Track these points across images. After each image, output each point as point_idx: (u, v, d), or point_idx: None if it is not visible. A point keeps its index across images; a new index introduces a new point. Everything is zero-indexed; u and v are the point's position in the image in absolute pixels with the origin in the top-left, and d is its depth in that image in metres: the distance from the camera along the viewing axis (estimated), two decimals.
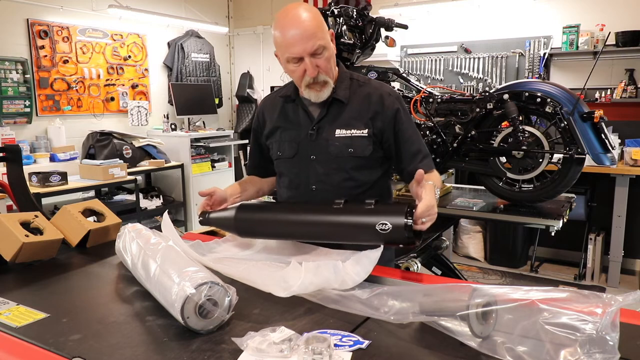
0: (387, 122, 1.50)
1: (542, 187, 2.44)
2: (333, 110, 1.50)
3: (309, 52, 1.38)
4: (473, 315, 0.92)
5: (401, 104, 1.53)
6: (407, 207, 1.24)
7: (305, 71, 1.40)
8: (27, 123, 4.45)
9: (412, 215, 1.22)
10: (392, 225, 1.22)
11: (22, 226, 1.47)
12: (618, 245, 3.97)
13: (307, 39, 1.36)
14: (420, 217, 1.22)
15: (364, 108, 1.50)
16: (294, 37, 1.36)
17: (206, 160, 5.54)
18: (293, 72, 1.44)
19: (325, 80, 1.44)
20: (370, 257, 1.26)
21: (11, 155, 2.02)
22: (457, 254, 4.90)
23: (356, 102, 1.51)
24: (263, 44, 6.41)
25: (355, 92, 1.52)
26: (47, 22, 4.56)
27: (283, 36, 1.39)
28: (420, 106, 2.68)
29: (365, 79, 1.57)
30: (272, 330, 0.94)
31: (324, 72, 1.42)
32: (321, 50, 1.39)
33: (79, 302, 1.23)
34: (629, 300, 0.87)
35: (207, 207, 1.53)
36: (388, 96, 1.52)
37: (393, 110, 1.50)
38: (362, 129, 1.48)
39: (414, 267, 2.53)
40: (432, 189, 1.29)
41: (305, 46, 1.36)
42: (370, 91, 1.52)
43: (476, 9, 4.90)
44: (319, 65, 1.40)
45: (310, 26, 1.37)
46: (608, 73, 4.37)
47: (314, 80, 1.42)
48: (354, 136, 1.48)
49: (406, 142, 1.52)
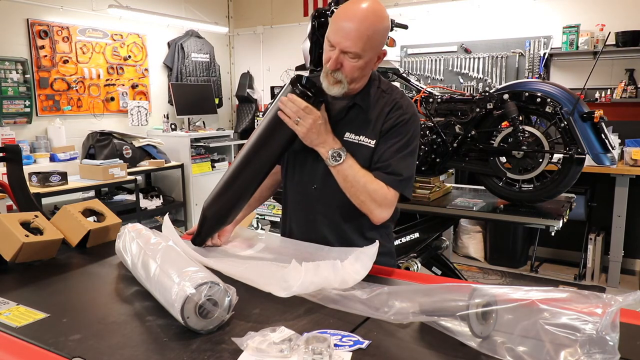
0: (383, 132, 1.45)
1: (542, 187, 2.44)
2: (352, 114, 1.48)
3: (342, 49, 1.36)
4: (473, 315, 0.92)
5: (409, 120, 1.45)
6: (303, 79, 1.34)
7: (330, 59, 1.38)
8: (27, 123, 4.45)
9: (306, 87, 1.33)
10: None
11: (22, 226, 1.47)
12: (618, 245, 3.97)
13: (349, 38, 1.34)
14: (293, 105, 1.32)
15: (378, 118, 1.46)
16: (341, 27, 1.35)
17: (206, 160, 5.55)
18: (325, 52, 1.42)
19: (340, 80, 1.41)
20: (368, 254, 1.26)
21: (11, 155, 2.01)
22: (457, 254, 4.90)
23: (375, 111, 1.47)
24: (263, 44, 6.41)
25: (377, 101, 1.48)
26: (47, 22, 4.57)
27: (336, 19, 1.38)
28: (420, 106, 2.68)
29: (390, 89, 1.52)
30: (272, 330, 0.94)
31: (345, 73, 1.39)
32: (354, 56, 1.36)
33: (79, 302, 1.23)
34: (629, 301, 0.86)
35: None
36: (398, 109, 1.46)
37: (394, 122, 1.44)
38: (371, 139, 1.44)
39: (414, 267, 2.53)
40: (334, 141, 1.39)
41: (342, 42, 1.35)
42: (388, 102, 1.47)
43: (476, 9, 4.90)
44: (343, 65, 1.38)
45: (360, 30, 1.33)
46: (608, 73, 4.37)
47: (330, 73, 1.40)
48: (360, 144, 1.44)
49: (381, 153, 1.43)
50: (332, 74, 1.40)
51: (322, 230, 1.51)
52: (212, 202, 1.46)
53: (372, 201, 1.38)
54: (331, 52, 1.38)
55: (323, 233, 1.51)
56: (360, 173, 1.37)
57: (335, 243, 1.46)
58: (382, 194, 1.39)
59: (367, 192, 1.37)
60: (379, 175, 1.40)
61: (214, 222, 1.48)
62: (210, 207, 1.46)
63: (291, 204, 1.61)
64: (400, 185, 1.42)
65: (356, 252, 1.29)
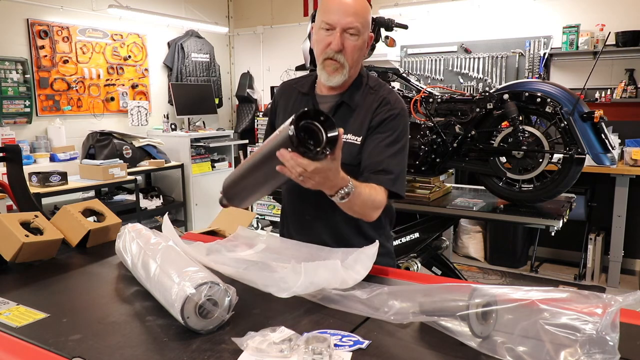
0: (372, 128, 1.44)
1: (542, 187, 2.44)
2: (340, 113, 1.48)
3: (343, 27, 1.36)
4: (473, 315, 0.92)
5: (398, 115, 1.45)
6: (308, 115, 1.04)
7: (330, 44, 1.38)
8: (27, 123, 4.45)
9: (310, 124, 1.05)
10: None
11: (22, 226, 1.47)
12: (618, 245, 3.97)
13: (348, 14, 1.36)
14: (295, 164, 1.06)
15: (366, 115, 1.46)
16: (337, 5, 1.37)
17: (206, 160, 5.55)
18: (320, 41, 1.41)
19: (342, 63, 1.40)
20: (368, 254, 1.26)
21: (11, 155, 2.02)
22: (457, 254, 4.90)
23: (362, 109, 1.47)
24: (263, 44, 6.41)
25: (365, 100, 1.48)
26: (47, 22, 4.56)
27: (327, 1, 1.39)
28: (420, 106, 2.68)
29: (378, 85, 1.51)
30: (272, 330, 0.94)
31: (347, 55, 1.39)
32: (355, 32, 1.37)
33: (79, 302, 1.23)
34: (629, 301, 0.86)
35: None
36: (386, 104, 1.45)
37: (382, 117, 1.43)
38: (357, 136, 1.44)
39: (414, 267, 2.53)
40: (343, 179, 1.19)
41: (342, 19, 1.36)
42: (375, 98, 1.47)
43: (476, 9, 4.90)
44: (345, 46, 1.38)
45: (356, 5, 1.37)
46: (608, 73, 4.37)
47: (333, 56, 1.39)
48: (346, 142, 1.42)
49: (371, 148, 1.41)
50: (334, 57, 1.39)
51: (320, 232, 1.51)
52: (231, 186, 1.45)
53: (370, 209, 1.36)
54: (329, 36, 1.38)
55: (321, 234, 1.51)
56: (362, 197, 1.29)
57: (334, 244, 1.45)
58: (378, 200, 1.36)
59: (366, 206, 1.34)
60: (370, 178, 1.38)
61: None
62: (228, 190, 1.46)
63: (289, 205, 1.61)
64: (394, 185, 1.40)
65: (356, 252, 1.28)
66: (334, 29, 1.37)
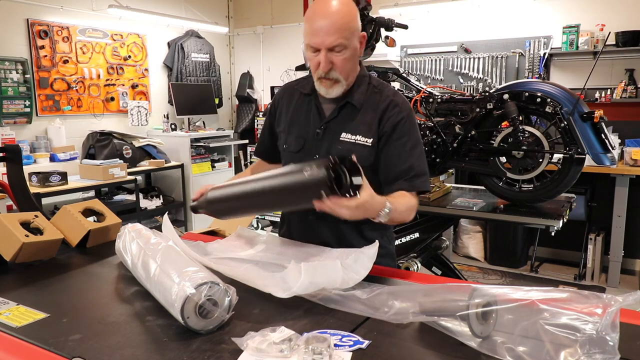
0: (386, 133, 1.45)
1: (542, 187, 2.44)
2: (345, 113, 1.48)
3: (327, 47, 1.36)
4: (473, 315, 0.92)
5: (408, 116, 1.47)
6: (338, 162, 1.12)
7: (319, 64, 1.38)
8: (27, 123, 4.45)
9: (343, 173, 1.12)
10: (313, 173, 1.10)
11: (22, 226, 1.47)
12: (618, 245, 3.97)
13: (330, 34, 1.34)
14: (334, 204, 1.12)
15: (374, 116, 1.46)
16: (318, 27, 1.35)
17: (206, 160, 5.55)
18: (310, 60, 1.42)
19: (337, 79, 1.41)
20: (368, 254, 1.26)
21: (11, 155, 2.02)
22: (457, 254, 4.90)
23: (368, 109, 1.47)
24: (263, 44, 6.41)
25: (370, 99, 1.48)
26: (47, 22, 4.56)
27: (309, 23, 1.38)
28: (420, 106, 2.68)
29: (381, 85, 1.52)
30: (272, 330, 0.94)
31: (338, 70, 1.40)
32: (340, 48, 1.37)
33: (79, 302, 1.24)
34: (629, 301, 0.86)
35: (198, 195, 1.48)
36: (394, 107, 1.46)
37: (394, 121, 1.45)
38: (368, 138, 1.45)
39: (414, 267, 2.53)
40: (381, 203, 1.24)
41: (325, 39, 1.35)
42: (381, 99, 1.48)
43: (476, 9, 4.90)
44: (334, 62, 1.38)
45: (337, 21, 1.34)
46: (608, 73, 4.37)
47: (325, 75, 1.40)
48: (357, 143, 1.44)
49: (397, 156, 1.44)
50: (326, 76, 1.40)
51: (320, 232, 1.51)
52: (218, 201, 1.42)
53: (407, 215, 1.38)
54: (316, 57, 1.39)
55: (322, 234, 1.51)
56: (400, 208, 1.33)
57: (334, 244, 1.46)
58: (412, 204, 1.40)
59: (403, 215, 1.37)
60: (402, 185, 1.40)
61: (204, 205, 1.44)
62: (213, 203, 1.43)
63: None
64: (425, 185, 1.45)
65: (356, 252, 1.28)
66: (319, 51, 1.37)
